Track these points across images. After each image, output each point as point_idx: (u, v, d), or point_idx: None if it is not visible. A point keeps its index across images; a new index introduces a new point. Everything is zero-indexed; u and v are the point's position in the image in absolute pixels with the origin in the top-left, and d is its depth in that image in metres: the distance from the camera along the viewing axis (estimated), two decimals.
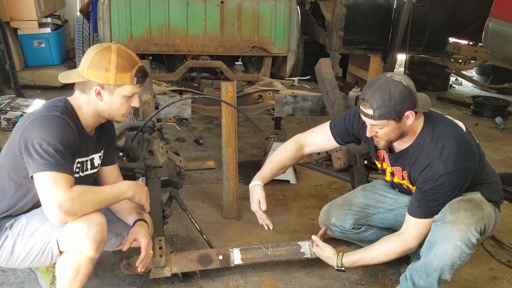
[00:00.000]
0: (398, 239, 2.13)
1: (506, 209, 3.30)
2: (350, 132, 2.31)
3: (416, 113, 1.99)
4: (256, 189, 2.26)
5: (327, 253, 2.27)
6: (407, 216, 2.12)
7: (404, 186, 2.28)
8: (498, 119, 5.53)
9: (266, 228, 2.27)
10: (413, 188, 2.17)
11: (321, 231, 2.36)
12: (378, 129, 2.01)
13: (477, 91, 7.05)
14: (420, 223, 2.07)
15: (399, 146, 2.15)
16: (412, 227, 2.09)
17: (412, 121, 1.99)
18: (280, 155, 2.37)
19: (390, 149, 2.20)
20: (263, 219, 2.26)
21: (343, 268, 2.22)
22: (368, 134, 2.07)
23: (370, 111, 1.95)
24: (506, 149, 4.69)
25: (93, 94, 1.86)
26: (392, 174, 2.28)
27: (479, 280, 2.53)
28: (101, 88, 1.86)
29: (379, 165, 2.37)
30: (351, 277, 2.49)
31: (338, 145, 2.42)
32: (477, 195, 2.08)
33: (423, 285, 2.05)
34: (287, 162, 2.38)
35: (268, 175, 2.32)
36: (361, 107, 2.00)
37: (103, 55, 1.83)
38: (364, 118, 2.01)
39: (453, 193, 2.01)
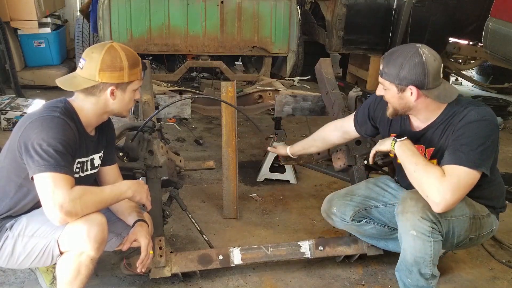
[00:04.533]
0: (438, 175, 1.89)
1: (507, 209, 3.28)
2: (370, 115, 2.35)
3: (426, 96, 1.96)
4: (281, 147, 2.80)
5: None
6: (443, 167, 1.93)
7: None
8: (498, 119, 5.53)
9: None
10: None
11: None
12: (383, 90, 2.07)
13: (477, 91, 7.04)
14: (450, 169, 1.88)
15: (422, 123, 2.12)
16: (448, 176, 1.87)
17: (416, 99, 1.96)
18: (319, 133, 2.63)
19: (411, 126, 2.18)
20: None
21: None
22: (377, 92, 2.12)
23: (381, 67, 2.04)
24: (506, 149, 4.69)
25: (104, 95, 1.87)
26: None
27: (479, 280, 2.53)
28: (115, 88, 1.87)
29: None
30: (351, 277, 2.49)
31: (357, 136, 2.49)
32: None
33: (412, 284, 2.04)
34: (318, 141, 2.63)
35: (298, 148, 2.71)
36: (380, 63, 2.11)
37: (113, 55, 1.84)
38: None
39: (486, 141, 1.91)
